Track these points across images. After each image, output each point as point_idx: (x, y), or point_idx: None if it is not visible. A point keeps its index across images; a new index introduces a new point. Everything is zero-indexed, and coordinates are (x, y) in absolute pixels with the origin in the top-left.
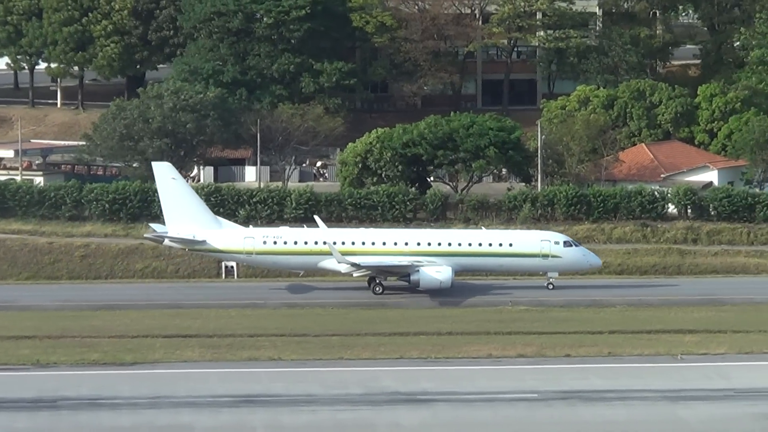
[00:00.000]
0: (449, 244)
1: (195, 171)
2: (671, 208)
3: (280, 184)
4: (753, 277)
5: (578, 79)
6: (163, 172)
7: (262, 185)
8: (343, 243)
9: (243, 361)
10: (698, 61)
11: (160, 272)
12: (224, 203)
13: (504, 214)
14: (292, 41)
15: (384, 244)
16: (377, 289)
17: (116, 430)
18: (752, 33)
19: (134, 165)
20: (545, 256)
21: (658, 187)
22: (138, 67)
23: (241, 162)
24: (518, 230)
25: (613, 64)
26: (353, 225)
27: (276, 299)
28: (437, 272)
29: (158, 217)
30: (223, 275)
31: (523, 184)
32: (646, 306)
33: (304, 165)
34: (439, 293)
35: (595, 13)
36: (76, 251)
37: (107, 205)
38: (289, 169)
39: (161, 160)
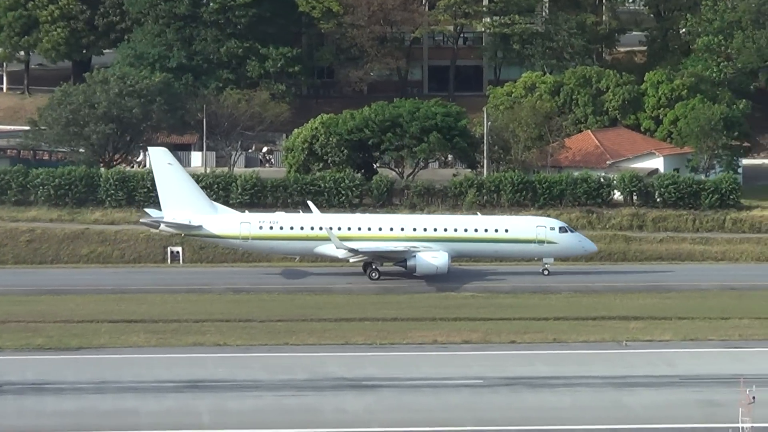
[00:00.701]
0: (445, 230)
1: (141, 156)
2: (617, 195)
3: (226, 169)
4: (698, 264)
5: (524, 66)
6: (159, 158)
7: (208, 171)
8: (339, 228)
9: (188, 347)
10: (644, 48)
11: (105, 257)
12: None
13: (450, 200)
14: (239, 27)
15: (380, 229)
16: (373, 274)
17: (61, 414)
18: (698, 20)
19: (80, 150)
20: (541, 241)
21: (603, 174)
22: (84, 51)
23: (187, 147)
24: (514, 216)
25: (558, 50)
26: (347, 211)
27: (221, 284)
28: (433, 258)
29: (103, 202)
30: (169, 260)
31: (469, 170)
32: (592, 293)
33: (250, 151)
34: (435, 279)
35: None
36: (22, 236)
37: (53, 190)
38: (235, 155)
39: (107, 145)
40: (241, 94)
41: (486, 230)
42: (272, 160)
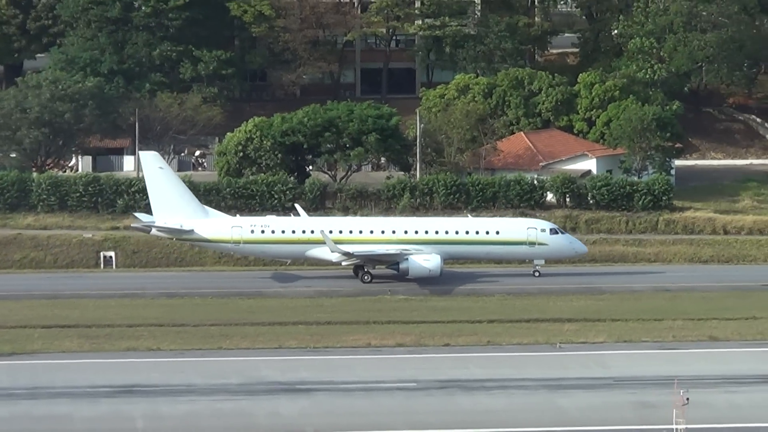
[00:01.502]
0: (436, 232)
1: (73, 161)
2: (550, 197)
3: None
4: (631, 266)
5: (456, 68)
6: (150, 162)
7: (140, 175)
8: (330, 231)
9: (122, 351)
10: (577, 50)
11: (38, 262)
12: (102, 193)
13: (383, 203)
14: (171, 30)
15: (371, 232)
16: (366, 277)
17: None
18: (630, 22)
19: (12, 155)
20: (532, 243)
21: (536, 176)
22: (16, 56)
23: (120, 151)
24: (505, 218)
25: (490, 52)
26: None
27: (155, 289)
28: (426, 260)
29: (35, 207)
30: (102, 265)
31: (402, 173)
32: (525, 294)
33: (182, 154)
34: (428, 281)
35: (474, 1)
36: None
37: None
38: (168, 159)
39: (39, 149)
40: (174, 97)
41: (477, 232)
42: (205, 164)
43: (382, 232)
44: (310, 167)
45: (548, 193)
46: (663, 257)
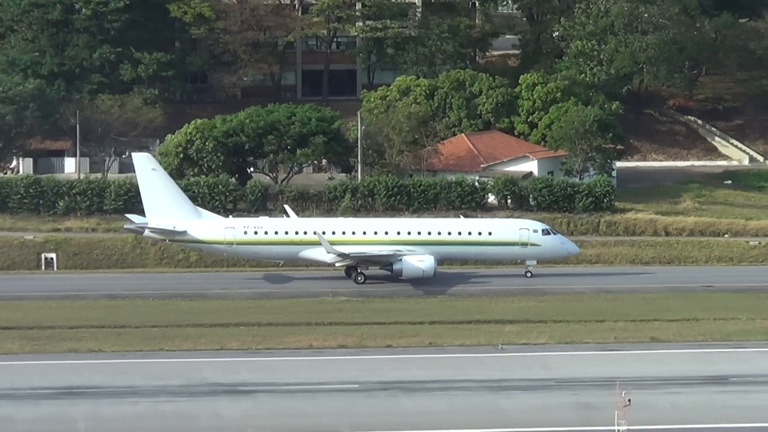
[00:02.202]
0: (429, 233)
1: (14, 163)
2: (491, 198)
3: (99, 175)
4: (573, 267)
5: (397, 70)
6: (143, 163)
7: (81, 177)
8: (324, 233)
9: (63, 353)
10: (518, 52)
11: None
12: (44, 195)
13: (324, 204)
14: (111, 32)
15: (364, 233)
16: (359, 278)
17: None
18: (571, 23)
19: None
20: (524, 244)
21: (478, 178)
22: None
23: (61, 153)
24: (497, 219)
25: (431, 54)
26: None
27: (96, 291)
28: (420, 261)
29: None
30: (43, 266)
31: (344, 174)
32: (467, 296)
33: (124, 156)
34: (421, 282)
35: (415, 3)
36: None
37: None
38: (109, 161)
39: None
40: (114, 99)
41: (470, 233)
42: None
43: (375, 233)
44: (252, 169)
45: (490, 194)
46: (604, 259)
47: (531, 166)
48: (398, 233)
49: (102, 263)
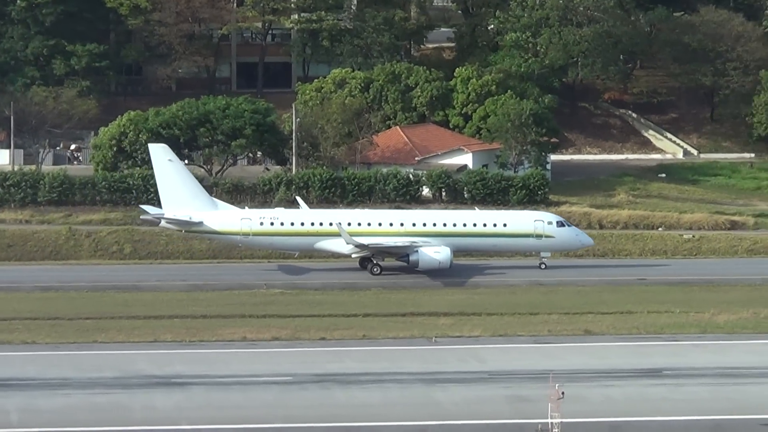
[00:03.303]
0: (444, 225)
1: None
2: (426, 191)
3: (33, 167)
4: (507, 260)
5: (332, 62)
6: (159, 154)
7: (15, 168)
8: (339, 224)
9: None
10: (453, 44)
11: None
12: None
13: (259, 197)
14: (46, 24)
15: (380, 224)
16: (375, 269)
17: None
18: (506, 16)
19: None
20: (539, 236)
21: (412, 170)
22: None
23: None
24: (512, 210)
25: (366, 46)
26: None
27: (29, 282)
28: (436, 252)
29: None
30: None
31: (279, 167)
32: (401, 288)
33: (58, 148)
34: (438, 273)
35: None
36: None
37: None
38: (43, 153)
39: None
40: (49, 91)
41: (485, 225)
42: (80, 158)
43: (391, 224)
44: (186, 161)
45: (424, 187)
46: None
47: (466, 159)
48: (413, 225)
49: (36, 255)
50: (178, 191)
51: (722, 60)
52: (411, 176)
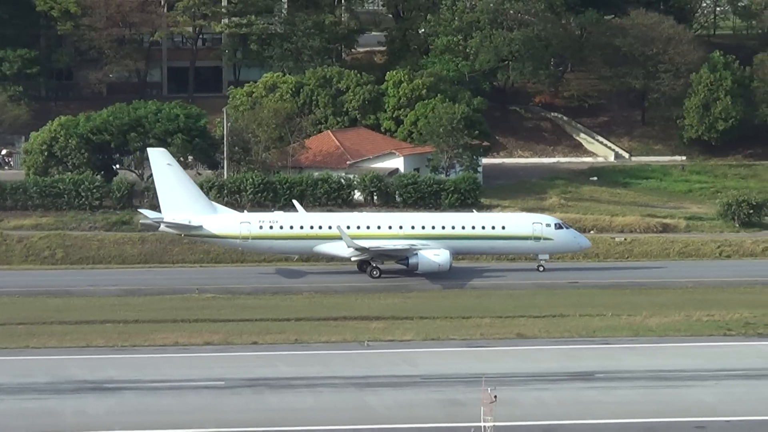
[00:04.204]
0: (443, 227)
1: None
2: (357, 195)
3: None
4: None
5: (263, 67)
6: (159, 158)
7: None
8: (334, 227)
9: None
10: (384, 48)
11: None
12: None
13: None
14: None
15: (379, 227)
16: (374, 273)
17: None
18: (437, 20)
19: None
20: (537, 238)
21: (344, 174)
22: None
23: None
24: (510, 213)
25: (297, 50)
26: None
27: None
28: (435, 255)
29: None
30: None
31: (210, 171)
32: (333, 293)
33: None
34: (437, 276)
35: None
36: None
37: None
38: None
39: None
40: None
41: (483, 227)
42: (12, 163)
43: (390, 227)
44: (118, 166)
45: (356, 191)
46: (470, 255)
47: (397, 163)
48: (412, 227)
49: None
50: (177, 195)
51: (653, 63)
52: (342, 180)
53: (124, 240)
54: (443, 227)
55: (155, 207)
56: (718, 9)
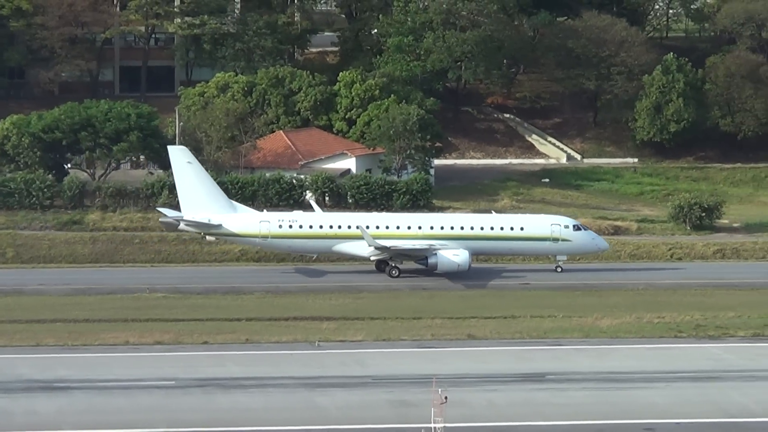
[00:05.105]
0: (462, 228)
1: None
2: (309, 196)
3: None
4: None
5: (215, 66)
6: (179, 157)
7: None
8: (357, 227)
9: None
10: (337, 49)
11: None
12: None
13: (142, 201)
14: None
15: (398, 227)
16: (393, 272)
17: None
18: (390, 20)
19: None
20: (555, 239)
21: (296, 175)
22: None
23: None
24: (529, 214)
25: (249, 50)
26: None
27: None
28: (455, 255)
29: None
30: None
31: (162, 171)
32: (284, 293)
33: None
34: (457, 276)
35: None
36: None
37: None
38: None
39: None
40: None
41: (502, 228)
42: None
43: (409, 227)
44: (69, 165)
45: (308, 191)
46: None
47: (349, 164)
48: (431, 228)
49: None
50: (197, 194)
51: (606, 65)
52: (294, 181)
53: (75, 239)
54: (462, 228)
55: (106, 207)
56: (670, 11)
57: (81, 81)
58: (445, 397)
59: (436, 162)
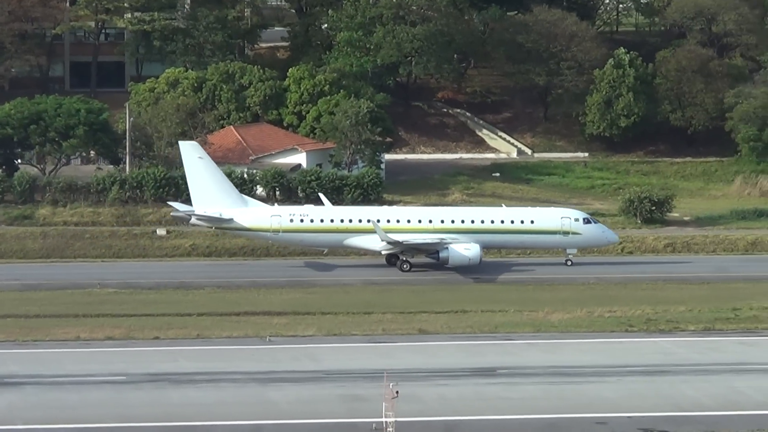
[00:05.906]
0: (472, 222)
1: None
2: (260, 191)
3: None
4: (342, 258)
5: (165, 62)
6: (190, 151)
7: None
8: (368, 221)
9: None
10: (287, 44)
11: None
12: None
13: (93, 196)
14: None
15: (409, 221)
16: (404, 266)
17: None
18: (340, 15)
19: None
20: (565, 233)
21: (246, 169)
22: None
23: None
24: (539, 207)
25: (199, 45)
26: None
27: None
28: (466, 249)
29: None
30: None
31: (112, 166)
32: (235, 288)
33: None
34: (468, 270)
35: None
36: None
37: None
38: None
39: None
40: None
41: (512, 221)
42: None
43: (419, 221)
44: (19, 161)
45: (258, 186)
46: (374, 250)
47: (300, 159)
48: (442, 221)
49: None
50: (209, 188)
51: (556, 60)
52: (245, 176)
53: (26, 234)
54: (472, 221)
55: (57, 202)
56: (620, 6)
57: (31, 76)
58: (397, 392)
59: (387, 157)
